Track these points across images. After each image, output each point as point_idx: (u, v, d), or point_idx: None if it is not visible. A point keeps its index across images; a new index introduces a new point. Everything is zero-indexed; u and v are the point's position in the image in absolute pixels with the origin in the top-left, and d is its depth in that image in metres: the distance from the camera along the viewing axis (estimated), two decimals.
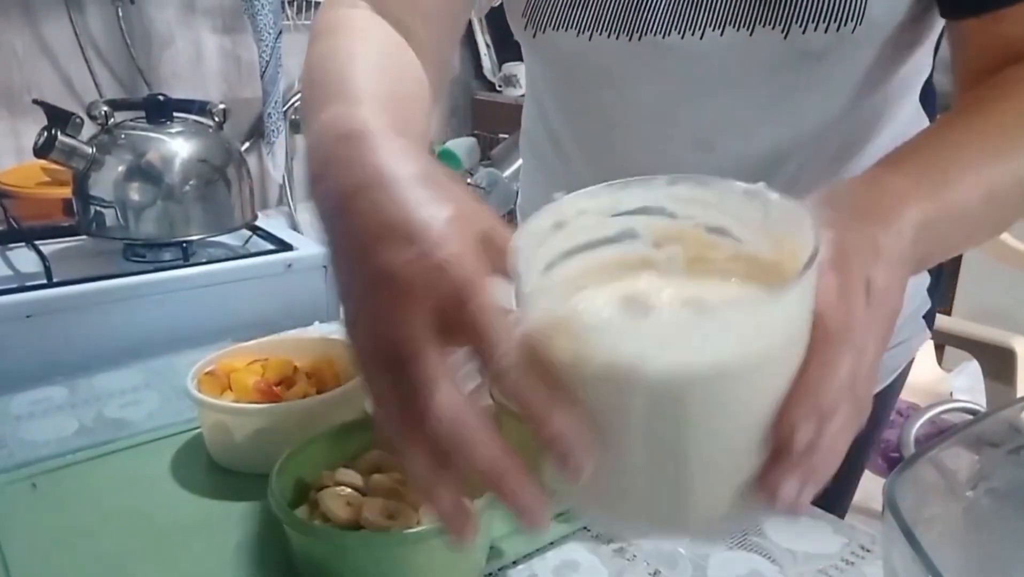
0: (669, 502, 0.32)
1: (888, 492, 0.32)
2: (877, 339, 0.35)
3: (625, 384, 0.30)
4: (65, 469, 0.60)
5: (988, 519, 0.38)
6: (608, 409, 0.31)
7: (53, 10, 1.77)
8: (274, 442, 0.55)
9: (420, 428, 0.32)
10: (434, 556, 0.46)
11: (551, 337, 0.31)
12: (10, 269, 1.06)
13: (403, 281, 0.33)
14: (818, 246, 0.30)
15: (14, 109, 1.76)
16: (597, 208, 0.36)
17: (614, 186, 0.36)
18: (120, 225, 1.08)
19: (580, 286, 0.35)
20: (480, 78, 2.39)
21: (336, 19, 0.62)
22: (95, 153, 1.08)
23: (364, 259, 0.34)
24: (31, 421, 0.68)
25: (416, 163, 0.37)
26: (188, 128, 1.14)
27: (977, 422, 0.40)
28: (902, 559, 0.30)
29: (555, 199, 0.36)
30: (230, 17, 2.02)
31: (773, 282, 0.33)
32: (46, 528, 0.53)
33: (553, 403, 0.31)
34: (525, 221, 0.35)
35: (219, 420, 0.59)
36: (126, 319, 0.97)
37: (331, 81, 0.49)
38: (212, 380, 0.61)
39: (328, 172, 0.38)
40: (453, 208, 0.35)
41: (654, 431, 0.31)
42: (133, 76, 1.90)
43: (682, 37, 0.60)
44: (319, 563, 0.46)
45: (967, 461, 0.38)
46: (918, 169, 0.44)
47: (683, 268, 0.36)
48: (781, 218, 0.34)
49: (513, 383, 0.32)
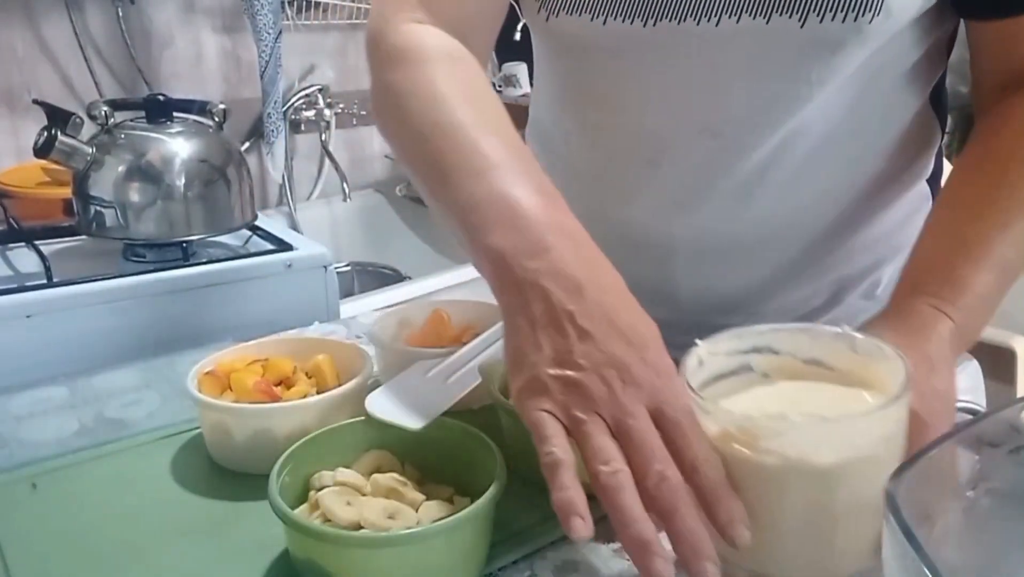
0: (820, 556, 0.44)
1: (888, 492, 0.32)
2: (949, 422, 0.49)
3: (794, 473, 0.41)
4: (65, 469, 0.60)
5: (988, 519, 0.38)
6: (775, 489, 0.42)
7: (53, 10, 1.77)
8: (274, 442, 0.55)
9: (645, 491, 0.42)
10: (434, 556, 0.46)
11: (730, 439, 0.43)
12: (10, 269, 1.06)
13: (634, 373, 0.44)
14: (909, 368, 0.43)
15: (14, 109, 1.76)
16: (724, 350, 0.49)
17: (733, 332, 0.49)
18: (120, 225, 1.08)
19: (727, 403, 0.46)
20: None
21: (408, 41, 0.63)
22: (95, 153, 1.08)
23: (593, 343, 0.45)
24: (31, 421, 0.68)
25: (610, 270, 0.49)
26: (188, 128, 1.14)
27: (977, 422, 0.40)
28: (902, 559, 0.30)
29: (696, 344, 0.47)
30: (230, 17, 2.02)
31: (867, 398, 0.46)
32: (46, 528, 0.53)
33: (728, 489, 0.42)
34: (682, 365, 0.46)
35: (219, 420, 0.59)
36: (126, 319, 0.97)
37: (450, 138, 0.55)
38: (212, 380, 0.61)
39: (535, 251, 0.48)
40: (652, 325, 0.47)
41: (812, 503, 0.42)
42: (133, 76, 1.90)
43: (697, 23, 0.60)
44: (319, 563, 0.46)
45: (967, 461, 0.38)
46: (938, 287, 0.54)
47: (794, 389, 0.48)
48: (865, 350, 0.46)
49: (706, 475, 0.42)
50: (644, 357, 0.45)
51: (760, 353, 0.49)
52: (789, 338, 0.49)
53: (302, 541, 0.47)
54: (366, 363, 0.62)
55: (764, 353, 0.49)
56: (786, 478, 0.42)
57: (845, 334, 0.47)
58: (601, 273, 0.49)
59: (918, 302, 0.53)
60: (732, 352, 0.49)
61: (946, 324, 0.52)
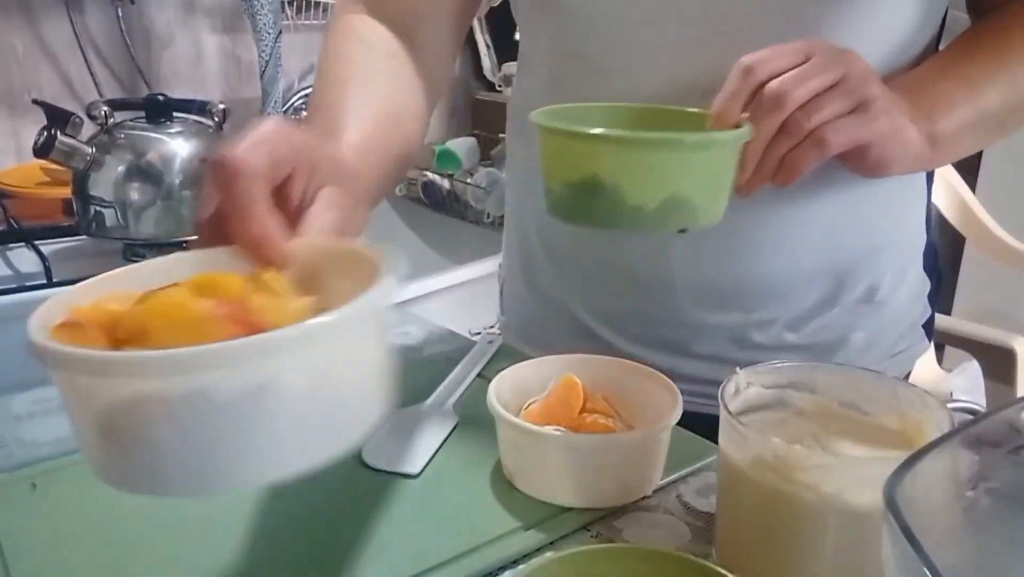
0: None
1: (888, 492, 0.32)
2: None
3: (828, 509, 0.41)
4: (65, 469, 0.60)
5: (988, 519, 0.38)
6: (807, 522, 0.43)
7: (53, 10, 1.77)
8: None
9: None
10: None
11: (765, 468, 0.43)
12: (10, 269, 1.06)
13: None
14: (954, 419, 0.42)
15: (14, 109, 1.76)
16: (762, 381, 0.49)
17: (772, 366, 0.49)
18: (120, 225, 1.08)
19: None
20: (480, 78, 2.39)
21: (339, 28, 0.71)
22: (95, 153, 1.08)
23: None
24: (31, 421, 0.68)
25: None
26: (188, 128, 1.14)
27: (977, 422, 0.40)
28: (902, 559, 0.30)
29: (736, 372, 0.48)
30: (230, 17, 2.02)
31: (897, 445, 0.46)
32: (46, 528, 0.53)
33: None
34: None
35: None
36: None
37: (325, 104, 0.65)
38: (76, 332, 0.36)
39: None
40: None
41: (846, 535, 0.42)
42: (133, 76, 1.90)
43: None
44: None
45: (967, 461, 0.38)
46: (917, 98, 0.60)
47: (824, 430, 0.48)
48: (906, 397, 0.46)
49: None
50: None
51: (797, 390, 0.50)
52: (829, 378, 0.49)
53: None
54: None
55: (801, 391, 0.49)
56: (819, 513, 0.42)
57: (885, 377, 0.48)
58: None
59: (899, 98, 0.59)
60: (770, 385, 0.49)
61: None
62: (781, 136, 0.54)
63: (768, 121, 0.53)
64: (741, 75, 0.54)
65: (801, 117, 0.53)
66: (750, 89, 0.54)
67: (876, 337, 0.75)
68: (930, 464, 0.35)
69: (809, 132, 0.54)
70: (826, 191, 0.67)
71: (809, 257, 0.69)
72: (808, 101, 0.53)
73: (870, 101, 0.55)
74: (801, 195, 0.66)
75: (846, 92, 0.54)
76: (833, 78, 0.54)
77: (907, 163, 0.59)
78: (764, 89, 0.53)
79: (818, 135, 0.54)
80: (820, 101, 0.53)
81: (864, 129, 0.55)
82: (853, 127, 0.55)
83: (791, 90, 0.53)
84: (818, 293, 0.72)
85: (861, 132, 0.55)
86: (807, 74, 0.53)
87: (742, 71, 0.54)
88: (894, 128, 0.57)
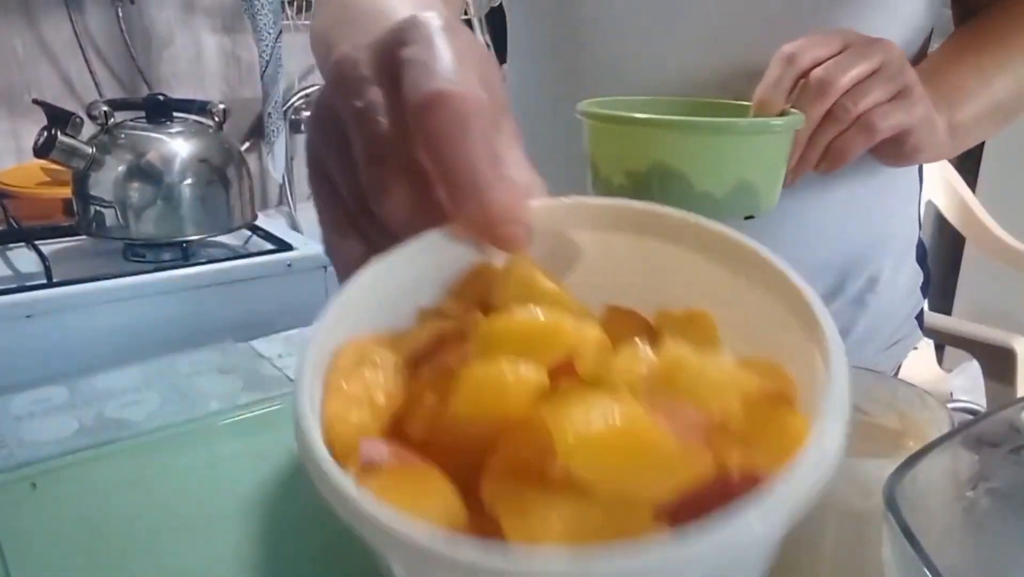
0: None
1: (887, 492, 0.32)
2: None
3: (827, 509, 0.41)
4: (65, 469, 0.60)
5: (988, 519, 0.38)
6: (808, 523, 0.42)
7: (53, 10, 1.77)
8: None
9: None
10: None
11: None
12: (10, 269, 1.06)
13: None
14: (953, 420, 0.42)
15: (14, 109, 1.76)
16: None
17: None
18: (120, 225, 1.08)
19: None
20: None
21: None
22: (95, 153, 1.08)
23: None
24: (31, 421, 0.68)
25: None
26: (188, 128, 1.14)
27: (977, 422, 0.40)
28: (902, 559, 0.30)
29: None
30: (230, 17, 2.02)
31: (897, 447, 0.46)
32: (46, 528, 0.53)
33: None
34: None
35: None
36: (126, 319, 0.98)
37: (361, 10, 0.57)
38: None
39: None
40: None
41: (846, 536, 0.42)
42: (133, 76, 1.90)
43: None
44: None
45: (967, 461, 0.38)
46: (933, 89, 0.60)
47: None
48: (906, 397, 0.46)
49: None
50: None
51: None
52: None
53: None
54: None
55: None
56: (819, 513, 0.41)
57: (886, 377, 0.47)
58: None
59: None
60: None
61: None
62: (828, 122, 0.54)
63: (815, 108, 0.53)
64: (783, 63, 0.54)
65: (848, 103, 0.53)
66: (793, 76, 0.54)
67: (875, 328, 0.76)
68: (930, 464, 0.35)
69: (856, 118, 0.54)
70: (833, 183, 0.67)
71: (817, 249, 0.70)
72: (853, 87, 0.53)
73: (910, 87, 0.55)
74: (811, 187, 0.66)
75: (888, 78, 0.54)
76: (873, 65, 0.54)
77: (933, 151, 0.60)
78: (809, 76, 0.53)
79: (865, 120, 0.54)
80: (865, 87, 0.54)
81: (906, 115, 0.55)
82: (897, 113, 0.55)
83: (836, 77, 0.53)
84: (823, 285, 0.72)
85: (904, 118, 0.55)
86: (850, 61, 0.53)
87: (784, 59, 0.54)
88: (928, 115, 0.57)
